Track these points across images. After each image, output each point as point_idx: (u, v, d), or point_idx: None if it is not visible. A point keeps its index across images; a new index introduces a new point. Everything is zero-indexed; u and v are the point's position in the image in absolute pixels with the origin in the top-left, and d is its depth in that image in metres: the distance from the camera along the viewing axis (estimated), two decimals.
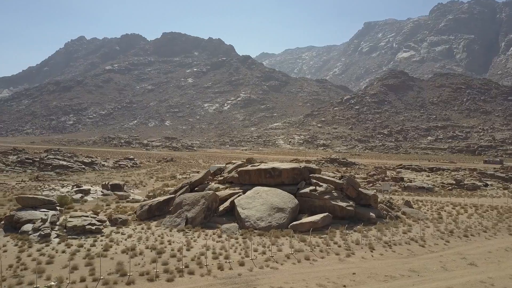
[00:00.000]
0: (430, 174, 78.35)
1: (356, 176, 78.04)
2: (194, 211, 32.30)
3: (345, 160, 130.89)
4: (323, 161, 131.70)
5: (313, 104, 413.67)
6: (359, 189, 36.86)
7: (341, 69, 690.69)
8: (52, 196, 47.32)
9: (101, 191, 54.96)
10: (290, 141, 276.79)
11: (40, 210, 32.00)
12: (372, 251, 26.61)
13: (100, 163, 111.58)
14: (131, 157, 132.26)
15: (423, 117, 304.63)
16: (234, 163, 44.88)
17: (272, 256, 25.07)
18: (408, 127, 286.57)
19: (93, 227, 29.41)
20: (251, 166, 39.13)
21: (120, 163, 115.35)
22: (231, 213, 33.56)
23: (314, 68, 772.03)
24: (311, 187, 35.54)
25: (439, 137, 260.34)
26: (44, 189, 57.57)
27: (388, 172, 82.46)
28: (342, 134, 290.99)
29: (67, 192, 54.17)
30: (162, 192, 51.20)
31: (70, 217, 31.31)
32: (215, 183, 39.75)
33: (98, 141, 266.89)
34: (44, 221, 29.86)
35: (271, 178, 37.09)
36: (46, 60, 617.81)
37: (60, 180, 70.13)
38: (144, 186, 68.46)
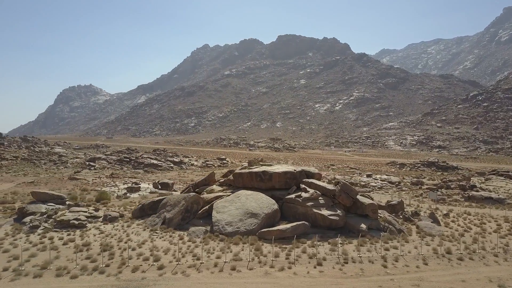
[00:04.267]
0: None
1: (428, 181, 69.60)
2: (173, 212, 32.92)
3: (445, 164, 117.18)
4: (419, 165, 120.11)
5: (435, 101, 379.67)
6: (357, 197, 33.04)
7: (474, 62, 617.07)
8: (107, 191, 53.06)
9: (150, 189, 59.18)
10: (401, 142, 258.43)
11: (48, 204, 36.13)
12: (315, 267, 23.84)
13: (190, 162, 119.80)
14: (223, 157, 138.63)
15: None
16: (242, 165, 44.10)
17: (202, 263, 24.32)
18: None
19: (77, 222, 32.12)
20: (247, 169, 38.05)
21: (208, 162, 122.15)
22: (211, 216, 33.21)
23: (441, 62, 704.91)
24: (298, 193, 33.15)
25: None
26: (109, 185, 64.46)
27: (474, 179, 71.68)
28: (464, 135, 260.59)
29: (124, 188, 59.79)
30: None
31: (69, 211, 34.68)
32: (216, 185, 39.74)
33: (211, 142, 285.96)
34: (43, 214, 33.68)
35: (262, 182, 35.61)
36: (176, 68, 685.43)
37: (131, 178, 77.40)
38: None
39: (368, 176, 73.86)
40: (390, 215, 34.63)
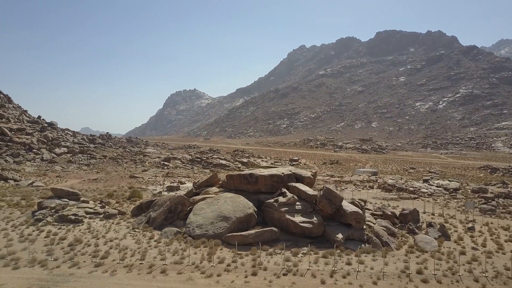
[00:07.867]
0: None
1: (497, 189, 60.14)
2: (158, 212, 33.64)
3: None
4: (510, 168, 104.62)
5: None
6: (342, 204, 30.02)
7: None
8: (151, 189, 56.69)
9: (188, 188, 61.04)
10: (511, 144, 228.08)
11: (62, 199, 39.52)
12: (247, 277, 22.33)
13: (259, 163, 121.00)
14: (296, 158, 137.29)
15: None
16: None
17: (141, 263, 24.48)
18: None
19: (73, 217, 34.61)
20: (238, 171, 37.03)
21: (277, 163, 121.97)
22: None
23: None
24: (277, 197, 31.33)
25: None
26: (157, 183, 68.22)
27: None
28: None
29: (165, 187, 62.75)
30: None
31: (76, 207, 37.57)
32: (216, 186, 39.44)
33: (298, 143, 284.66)
34: (52, 208, 36.99)
35: (249, 184, 34.40)
36: (272, 71, 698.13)
37: (186, 177, 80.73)
38: None
39: (425, 181, 66.50)
40: (383, 225, 30.83)
